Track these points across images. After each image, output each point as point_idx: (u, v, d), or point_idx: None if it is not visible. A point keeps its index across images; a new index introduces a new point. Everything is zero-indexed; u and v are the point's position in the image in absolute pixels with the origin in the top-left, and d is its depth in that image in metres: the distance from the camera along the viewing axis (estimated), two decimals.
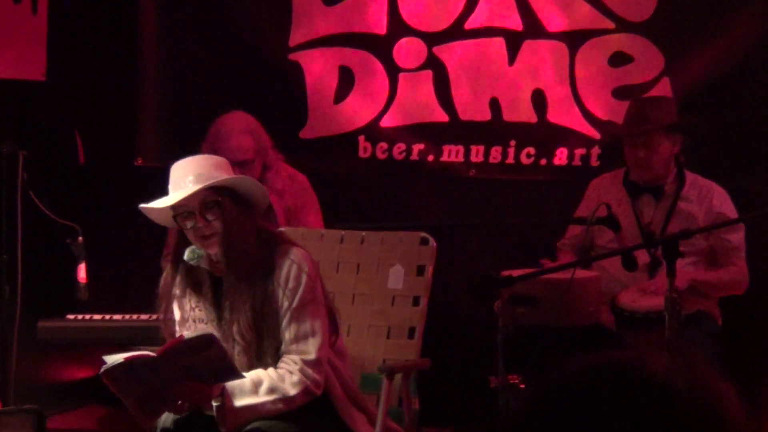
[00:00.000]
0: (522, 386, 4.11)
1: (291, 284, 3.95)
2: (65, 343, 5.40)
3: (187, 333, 3.93)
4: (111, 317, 5.23)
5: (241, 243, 3.92)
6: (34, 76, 6.09)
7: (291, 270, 3.96)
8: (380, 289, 4.80)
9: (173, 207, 3.94)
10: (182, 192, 3.91)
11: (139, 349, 3.87)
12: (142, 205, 4.06)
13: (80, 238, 5.04)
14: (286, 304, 3.94)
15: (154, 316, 5.12)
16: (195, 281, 4.03)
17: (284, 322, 3.94)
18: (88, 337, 5.25)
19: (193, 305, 4.02)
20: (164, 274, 4.09)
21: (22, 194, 5.17)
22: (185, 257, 3.96)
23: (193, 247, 3.96)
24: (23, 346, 5.24)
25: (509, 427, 1.33)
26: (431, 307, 4.75)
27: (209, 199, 3.92)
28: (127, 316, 5.24)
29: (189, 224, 3.93)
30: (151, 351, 3.81)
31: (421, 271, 4.79)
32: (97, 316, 5.23)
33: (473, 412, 5.60)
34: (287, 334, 3.95)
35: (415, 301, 4.75)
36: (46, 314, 5.27)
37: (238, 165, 5.27)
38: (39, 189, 5.16)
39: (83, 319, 5.22)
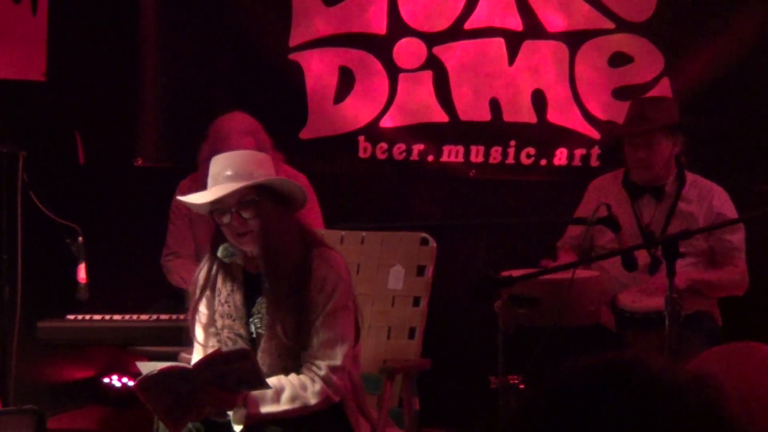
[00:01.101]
0: (522, 386, 4.11)
1: (327, 288, 3.93)
2: (65, 343, 5.40)
3: (222, 345, 3.94)
4: (111, 317, 5.23)
5: (279, 242, 3.91)
6: (34, 77, 6.09)
7: (329, 274, 3.94)
8: (380, 289, 4.80)
9: (209, 203, 3.93)
10: (219, 189, 3.89)
11: (162, 351, 3.88)
12: (179, 197, 4.04)
13: (80, 238, 5.03)
14: (319, 307, 3.93)
15: (154, 316, 5.13)
16: (227, 276, 4.02)
17: (315, 324, 3.93)
18: (88, 337, 5.25)
19: (223, 300, 4.02)
20: (199, 267, 4.08)
21: (22, 194, 5.17)
22: (219, 254, 3.97)
23: (226, 244, 3.96)
24: (23, 346, 5.24)
25: (510, 428, 1.33)
26: (431, 307, 4.75)
27: (247, 197, 3.89)
28: (127, 316, 5.23)
29: (225, 220, 3.91)
30: (184, 362, 3.82)
31: (421, 271, 4.79)
32: (97, 316, 5.23)
33: (473, 412, 5.60)
34: (316, 338, 3.93)
35: (416, 302, 4.75)
36: (46, 314, 5.26)
37: None
38: (39, 189, 5.16)
39: (83, 320, 5.21)
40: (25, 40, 6.07)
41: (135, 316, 5.22)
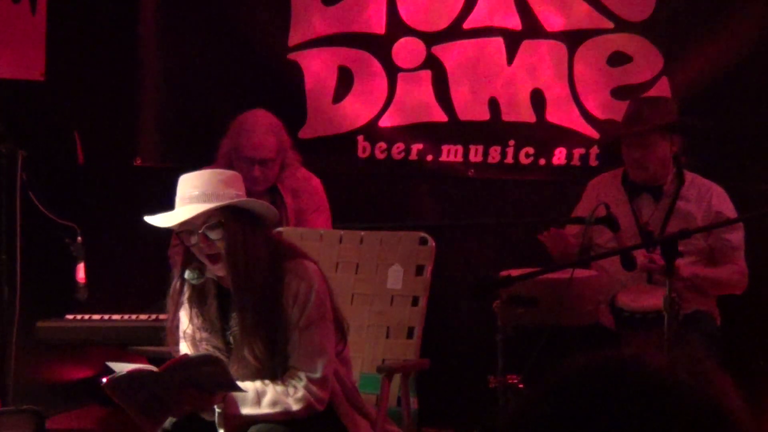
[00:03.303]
0: (521, 386, 4.11)
1: (300, 302, 3.89)
2: (64, 343, 5.40)
3: (193, 353, 3.92)
4: (110, 317, 5.23)
5: (248, 262, 3.86)
6: (33, 76, 6.09)
7: (300, 287, 3.90)
8: (379, 289, 4.80)
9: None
10: (185, 211, 3.85)
11: (142, 360, 3.87)
12: (147, 217, 4.00)
13: (79, 238, 5.04)
14: (294, 321, 3.89)
15: (154, 316, 5.13)
16: (200, 290, 3.99)
17: (292, 339, 3.91)
18: (88, 337, 5.25)
19: (197, 314, 3.99)
20: (173, 282, 4.05)
21: (21, 194, 5.17)
22: (186, 276, 3.94)
23: (193, 266, 3.92)
24: (22, 346, 5.24)
25: (509, 428, 1.33)
26: (430, 307, 4.75)
27: (212, 219, 3.85)
28: (126, 316, 5.23)
29: (192, 240, 3.87)
30: (154, 366, 3.81)
31: (420, 270, 4.79)
32: (96, 316, 5.23)
33: (472, 412, 5.60)
34: (294, 352, 3.90)
35: (414, 301, 4.75)
36: (46, 314, 5.27)
37: (258, 163, 5.28)
38: (38, 189, 5.16)
39: (82, 319, 5.22)
40: (25, 39, 6.06)
41: (134, 316, 5.23)
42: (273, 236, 4.05)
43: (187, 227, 3.86)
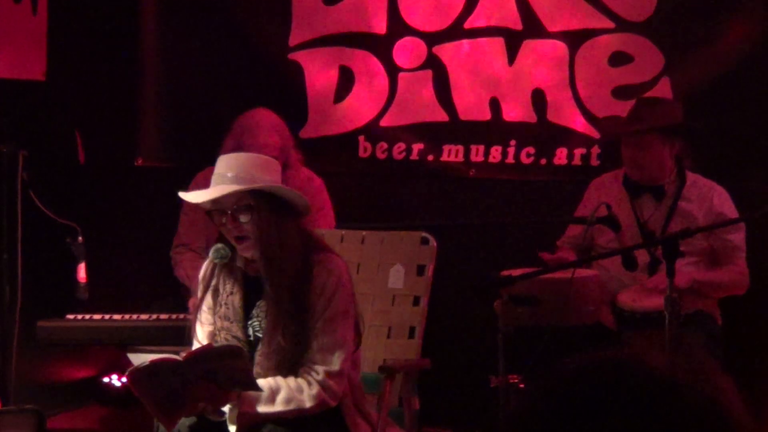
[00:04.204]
0: (522, 386, 4.11)
1: (327, 294, 3.91)
2: (65, 343, 5.40)
3: (217, 342, 3.94)
4: (111, 317, 5.23)
5: (278, 248, 3.88)
6: (34, 76, 6.09)
7: (328, 280, 3.92)
8: (381, 288, 4.80)
9: (209, 202, 3.93)
10: (217, 190, 3.89)
11: (164, 351, 3.88)
12: (181, 193, 4.05)
13: (80, 238, 5.04)
14: (317, 313, 3.91)
15: (155, 316, 5.14)
16: (227, 277, 4.02)
17: (314, 330, 3.92)
18: (88, 337, 5.25)
19: (222, 302, 4.02)
20: (204, 264, 4.09)
21: (22, 194, 5.17)
22: (210, 255, 3.97)
23: (219, 245, 3.95)
24: (23, 346, 5.24)
25: (511, 427, 1.33)
26: (431, 306, 4.75)
27: (243, 202, 3.88)
28: (127, 316, 5.23)
29: (222, 220, 3.91)
30: (176, 355, 3.81)
31: (421, 270, 4.79)
32: (96, 316, 5.23)
33: (473, 412, 5.60)
34: (315, 342, 3.92)
35: (416, 301, 4.75)
36: (46, 314, 5.26)
37: None
38: (39, 189, 5.16)
39: (83, 319, 5.22)
40: (26, 39, 6.06)
41: (135, 316, 5.22)
42: (303, 226, 4.06)
43: (218, 206, 3.90)
